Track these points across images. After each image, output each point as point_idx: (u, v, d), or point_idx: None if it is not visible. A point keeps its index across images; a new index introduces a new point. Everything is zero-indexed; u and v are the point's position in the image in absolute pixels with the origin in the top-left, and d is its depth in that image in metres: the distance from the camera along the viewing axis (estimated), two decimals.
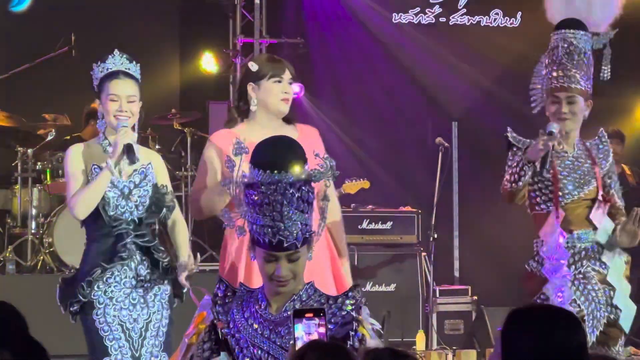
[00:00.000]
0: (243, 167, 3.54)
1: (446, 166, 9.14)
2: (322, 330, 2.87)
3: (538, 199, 5.31)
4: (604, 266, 5.26)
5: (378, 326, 3.49)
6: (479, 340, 8.93)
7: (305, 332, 2.88)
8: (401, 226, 9.39)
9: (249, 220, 3.48)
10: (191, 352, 3.54)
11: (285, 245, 3.40)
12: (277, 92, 5.37)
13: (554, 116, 5.28)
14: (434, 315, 9.02)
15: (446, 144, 9.05)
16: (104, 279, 4.94)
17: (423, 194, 9.72)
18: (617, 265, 5.29)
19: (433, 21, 10.76)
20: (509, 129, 5.37)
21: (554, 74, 5.31)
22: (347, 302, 3.45)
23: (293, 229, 3.39)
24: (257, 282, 4.17)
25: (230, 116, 5.44)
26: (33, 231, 9.00)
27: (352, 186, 8.50)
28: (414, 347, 8.64)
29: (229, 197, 5.00)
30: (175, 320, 5.17)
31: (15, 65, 9.76)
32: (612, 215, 5.36)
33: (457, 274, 10.25)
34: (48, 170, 9.13)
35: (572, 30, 5.34)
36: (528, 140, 5.33)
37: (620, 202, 5.42)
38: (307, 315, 2.89)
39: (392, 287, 9.12)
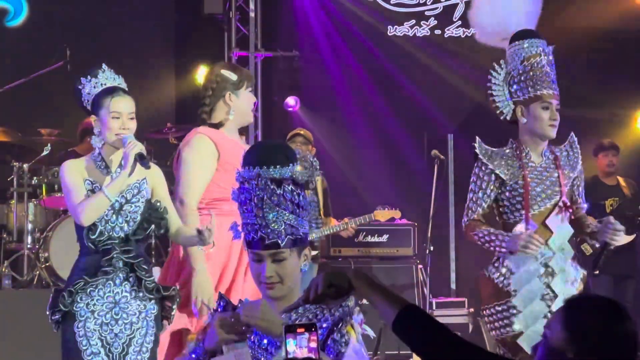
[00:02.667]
0: None
1: (442, 179, 9.15)
2: (313, 345, 2.86)
3: (506, 209, 5.25)
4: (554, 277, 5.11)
5: (369, 332, 3.46)
6: None
7: (297, 346, 2.88)
8: (397, 239, 9.38)
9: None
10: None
11: (267, 242, 3.36)
12: (251, 102, 5.42)
13: (544, 123, 5.14)
14: None
15: (442, 157, 9.05)
16: (87, 291, 4.94)
17: (419, 206, 9.72)
18: (567, 273, 5.13)
19: (428, 34, 10.79)
20: (477, 139, 5.29)
21: (543, 79, 5.16)
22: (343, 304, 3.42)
23: (275, 227, 3.35)
24: None
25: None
26: (29, 246, 8.98)
27: (383, 214, 8.44)
28: (411, 359, 8.62)
29: None
30: None
31: (10, 80, 9.76)
32: (578, 222, 5.25)
33: (453, 286, 10.25)
34: (44, 185, 9.10)
35: (541, 40, 5.25)
36: (494, 150, 5.23)
37: (583, 205, 5.30)
38: (299, 330, 2.88)
39: None
